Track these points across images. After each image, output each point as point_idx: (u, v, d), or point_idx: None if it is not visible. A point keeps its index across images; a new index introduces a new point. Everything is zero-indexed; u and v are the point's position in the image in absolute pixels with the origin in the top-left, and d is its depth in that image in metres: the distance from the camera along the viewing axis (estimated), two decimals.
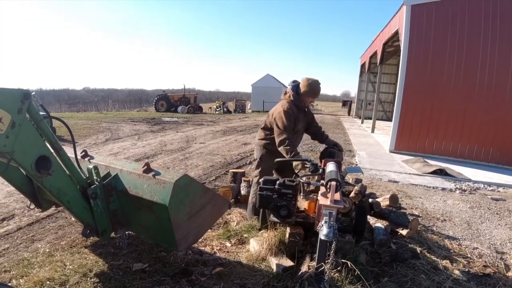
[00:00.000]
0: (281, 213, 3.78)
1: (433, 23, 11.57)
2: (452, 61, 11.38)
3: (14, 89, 2.45)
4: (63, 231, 4.79)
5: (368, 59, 24.00)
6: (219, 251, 4.33)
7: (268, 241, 3.97)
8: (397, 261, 4.13)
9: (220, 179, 8.03)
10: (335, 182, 3.31)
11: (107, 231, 3.31)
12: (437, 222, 5.86)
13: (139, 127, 18.63)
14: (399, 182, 8.53)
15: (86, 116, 26.18)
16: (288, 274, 3.65)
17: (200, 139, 14.66)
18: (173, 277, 3.62)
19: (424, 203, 6.91)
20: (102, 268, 3.77)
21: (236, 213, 5.54)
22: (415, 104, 12.16)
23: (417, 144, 12.30)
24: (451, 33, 11.33)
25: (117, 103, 59.19)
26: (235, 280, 3.66)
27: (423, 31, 11.77)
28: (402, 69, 12.23)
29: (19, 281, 3.46)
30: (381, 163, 10.68)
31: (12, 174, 3.51)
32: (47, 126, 2.80)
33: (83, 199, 3.09)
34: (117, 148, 11.91)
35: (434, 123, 11.94)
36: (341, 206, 3.22)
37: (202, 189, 3.31)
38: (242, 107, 44.46)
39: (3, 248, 4.25)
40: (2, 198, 6.00)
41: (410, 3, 11.88)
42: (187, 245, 3.36)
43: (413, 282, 3.73)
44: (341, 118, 31.33)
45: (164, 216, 2.93)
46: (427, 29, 11.69)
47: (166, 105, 38.31)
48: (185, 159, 10.27)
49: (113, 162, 3.53)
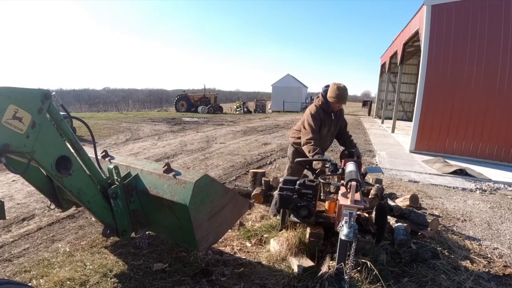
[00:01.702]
0: (301, 213, 3.72)
1: (453, 23, 11.33)
2: (473, 61, 11.12)
3: (35, 89, 2.42)
4: (83, 231, 4.74)
5: (388, 59, 23.59)
6: (240, 251, 4.24)
7: (288, 241, 3.89)
8: (417, 261, 4.04)
9: (240, 179, 7.94)
10: (355, 182, 3.24)
11: (128, 231, 3.26)
12: (457, 222, 5.70)
13: (159, 127, 18.52)
14: (419, 182, 8.36)
15: (106, 116, 26.20)
16: (308, 274, 3.56)
17: (220, 139, 14.52)
18: (193, 277, 3.55)
19: (444, 203, 6.74)
20: (122, 268, 3.71)
21: (256, 213, 5.44)
22: (435, 104, 11.93)
23: (437, 144, 12.06)
24: (471, 33, 11.06)
25: (137, 103, 58.89)
26: (255, 280, 3.58)
27: (443, 31, 11.53)
28: (423, 69, 12.00)
29: (39, 281, 3.41)
30: (401, 163, 10.50)
31: (32, 174, 3.47)
32: (67, 126, 2.76)
33: (104, 199, 3.04)
34: (137, 148, 11.85)
35: (454, 123, 11.68)
36: (361, 206, 3.17)
37: (222, 189, 3.25)
38: (262, 107, 43.95)
39: (23, 248, 4.21)
40: (22, 198, 5.99)
41: (430, 3, 11.65)
42: (207, 245, 3.29)
43: (433, 282, 3.64)
44: (361, 118, 30.71)
45: (184, 216, 2.87)
46: (447, 29, 11.45)
47: (187, 105, 37.78)
48: (205, 159, 10.17)
49: (134, 162, 3.49)
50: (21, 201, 5.85)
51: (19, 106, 2.27)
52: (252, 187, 6.44)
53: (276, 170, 8.67)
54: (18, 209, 5.46)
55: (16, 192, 6.31)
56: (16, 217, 5.14)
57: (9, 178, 7.08)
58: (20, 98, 2.28)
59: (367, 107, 42.52)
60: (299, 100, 44.53)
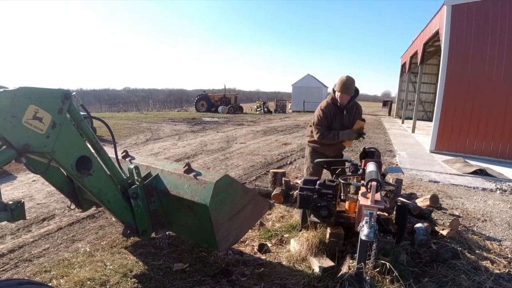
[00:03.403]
0: (321, 213, 3.66)
1: (473, 23, 11.13)
2: (493, 61, 10.89)
3: (55, 89, 2.40)
4: (104, 231, 4.69)
5: (408, 59, 23.23)
6: (260, 251, 4.16)
7: (309, 241, 3.81)
8: (437, 261, 3.96)
9: (260, 179, 7.82)
10: (375, 182, 3.21)
11: (148, 231, 3.20)
12: (477, 223, 5.56)
13: (179, 127, 18.40)
14: (440, 182, 8.20)
15: (127, 116, 26.11)
16: (329, 274, 3.48)
17: (241, 139, 14.36)
18: (214, 277, 3.49)
19: (464, 203, 6.59)
20: (143, 268, 3.65)
21: (276, 213, 5.35)
22: (455, 104, 11.74)
23: (457, 144, 11.85)
24: (491, 33, 10.84)
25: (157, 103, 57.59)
26: (276, 280, 3.51)
27: (464, 31, 11.33)
28: (443, 69, 11.82)
29: (60, 281, 3.37)
30: (421, 163, 10.34)
31: (52, 174, 3.42)
32: (87, 126, 2.74)
33: (124, 199, 3.00)
34: (158, 148, 11.77)
35: (474, 123, 11.46)
36: (382, 206, 3.14)
37: (242, 189, 3.19)
38: (282, 107, 43.29)
39: (43, 248, 4.17)
40: (42, 198, 5.97)
41: (450, 3, 11.48)
42: (227, 245, 3.24)
43: (453, 282, 3.57)
44: (381, 118, 30.28)
45: (205, 216, 2.81)
46: (467, 29, 11.25)
47: (207, 105, 36.83)
48: (226, 159, 10.06)
49: (154, 163, 3.45)
50: (41, 201, 5.82)
51: (39, 106, 2.24)
52: (272, 187, 6.33)
53: (296, 170, 8.58)
54: (38, 209, 5.43)
55: (36, 192, 6.30)
56: (36, 217, 5.10)
57: (29, 178, 7.08)
58: (41, 98, 2.26)
59: (387, 107, 41.54)
60: (319, 100, 42.06)
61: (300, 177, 6.02)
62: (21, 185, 6.74)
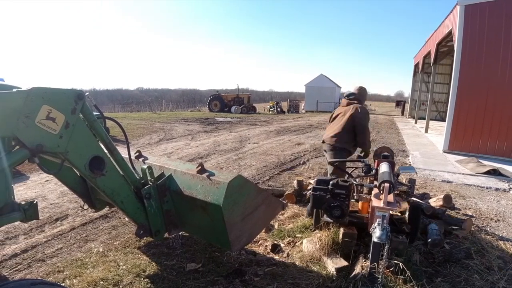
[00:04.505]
0: (334, 213, 3.61)
1: (486, 23, 10.98)
2: (506, 61, 10.73)
3: (68, 90, 2.38)
4: (117, 231, 4.64)
5: (421, 59, 23.03)
6: (273, 251, 4.10)
7: (321, 241, 3.75)
8: (450, 261, 3.91)
9: (273, 179, 7.72)
10: (388, 184, 3.19)
11: (161, 231, 3.16)
12: (490, 223, 5.46)
13: (192, 127, 18.28)
14: (453, 182, 8.09)
15: (140, 116, 26.03)
16: (342, 274, 3.43)
17: (254, 139, 14.16)
18: (227, 277, 3.44)
19: (477, 203, 6.48)
20: (156, 268, 3.61)
21: (289, 213, 5.27)
22: (468, 104, 11.61)
23: (470, 144, 11.71)
24: (504, 33, 10.68)
25: (170, 103, 57.35)
26: (289, 280, 3.45)
27: (477, 31, 11.20)
28: (456, 69, 11.71)
29: (73, 281, 3.34)
30: (434, 163, 10.23)
31: (65, 175, 3.40)
32: (100, 127, 2.71)
33: (137, 200, 2.96)
34: (171, 148, 11.70)
35: (487, 123, 11.32)
36: (395, 208, 3.14)
37: (256, 189, 3.13)
38: (295, 107, 42.93)
39: (56, 248, 4.13)
40: (55, 198, 5.94)
41: (463, 3, 11.35)
42: (240, 245, 3.18)
43: (466, 282, 3.51)
44: (394, 118, 29.98)
45: (218, 216, 2.77)
46: (480, 29, 11.11)
47: (220, 105, 36.65)
48: (239, 159, 9.92)
49: (167, 163, 3.41)
50: (54, 201, 5.80)
51: (52, 107, 2.23)
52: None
53: (309, 170, 8.49)
54: (51, 209, 5.41)
55: (49, 192, 6.28)
56: (49, 217, 5.07)
57: (42, 178, 7.08)
58: (54, 99, 2.24)
59: (400, 107, 41.12)
60: (332, 100, 42.95)
61: (313, 177, 5.93)
62: (34, 185, 6.73)
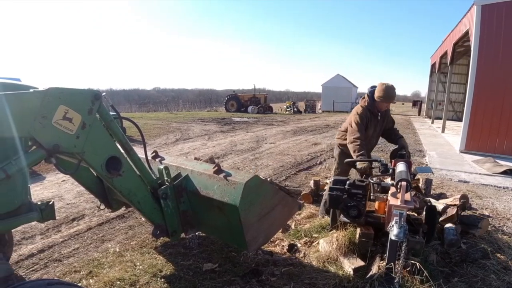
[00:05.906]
0: (351, 213, 3.53)
1: (503, 23, 10.81)
2: None
3: (85, 90, 2.36)
4: (133, 231, 4.60)
5: (438, 59, 22.92)
6: (289, 251, 4.04)
7: (338, 241, 3.68)
8: (467, 261, 3.83)
9: (290, 179, 7.65)
10: (405, 182, 3.14)
11: (178, 231, 3.12)
12: (507, 222, 5.33)
13: (209, 127, 18.25)
14: (470, 182, 7.95)
15: (156, 116, 26.12)
16: (359, 274, 3.36)
17: (270, 139, 14.07)
18: (243, 277, 3.39)
19: (494, 203, 6.35)
20: (172, 268, 3.56)
21: (306, 213, 5.21)
22: (485, 104, 11.44)
23: (487, 144, 11.54)
24: None
25: (187, 103, 57.48)
26: (305, 280, 3.39)
27: (494, 31, 11.03)
28: (473, 69, 11.53)
29: (89, 281, 3.32)
30: (451, 163, 10.11)
31: (82, 175, 3.37)
32: (117, 127, 2.67)
33: (154, 200, 2.92)
34: (187, 148, 11.68)
35: (504, 123, 11.15)
36: (412, 206, 3.04)
37: (272, 190, 3.08)
38: (312, 107, 42.11)
39: (73, 248, 4.11)
40: (72, 198, 5.94)
41: (480, 3, 11.18)
42: (257, 246, 3.14)
43: (483, 282, 3.44)
44: (411, 118, 29.68)
45: (234, 217, 2.72)
46: (497, 29, 10.94)
47: (236, 105, 36.51)
48: (255, 159, 9.85)
49: (184, 163, 3.37)
50: (71, 201, 5.79)
51: (69, 107, 2.19)
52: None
53: (326, 170, 8.42)
54: (68, 209, 5.40)
55: (66, 192, 6.28)
56: (66, 217, 5.06)
57: (59, 179, 7.09)
58: (70, 99, 2.21)
59: (417, 107, 40.50)
60: (349, 100, 42.38)
61: (330, 177, 5.87)
62: (50, 185, 6.75)
